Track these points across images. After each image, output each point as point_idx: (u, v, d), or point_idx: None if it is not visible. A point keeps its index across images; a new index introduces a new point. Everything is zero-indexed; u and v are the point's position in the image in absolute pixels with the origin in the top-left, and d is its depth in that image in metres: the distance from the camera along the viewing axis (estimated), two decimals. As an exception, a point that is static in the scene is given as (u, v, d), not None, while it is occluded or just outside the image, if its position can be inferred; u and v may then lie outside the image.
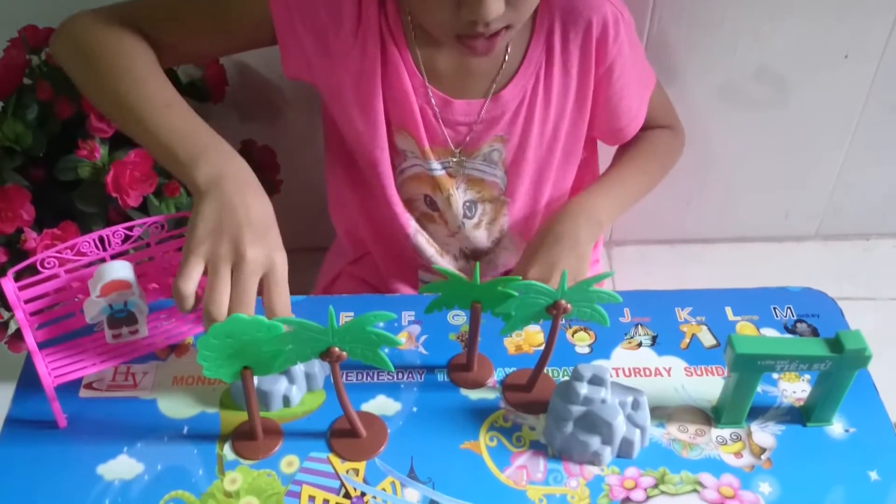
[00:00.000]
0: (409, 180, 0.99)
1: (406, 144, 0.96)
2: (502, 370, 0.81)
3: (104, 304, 0.74)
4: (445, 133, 0.94)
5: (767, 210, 1.45)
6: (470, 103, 0.93)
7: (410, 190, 1.00)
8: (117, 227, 0.74)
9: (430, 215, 1.02)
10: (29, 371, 0.79)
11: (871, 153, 1.36)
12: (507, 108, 0.93)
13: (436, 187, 0.99)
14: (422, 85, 0.92)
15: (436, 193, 0.99)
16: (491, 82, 0.92)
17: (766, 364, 0.71)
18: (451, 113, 0.93)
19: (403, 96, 0.92)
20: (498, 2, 0.76)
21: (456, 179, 0.98)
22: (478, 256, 1.06)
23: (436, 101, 0.92)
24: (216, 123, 1.17)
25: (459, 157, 0.96)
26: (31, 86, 1.00)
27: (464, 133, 0.95)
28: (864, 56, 1.22)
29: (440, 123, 0.94)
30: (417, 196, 1.01)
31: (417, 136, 0.94)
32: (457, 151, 0.96)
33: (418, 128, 0.94)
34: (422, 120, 0.94)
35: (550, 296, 0.73)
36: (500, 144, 0.96)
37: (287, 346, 0.67)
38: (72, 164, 0.95)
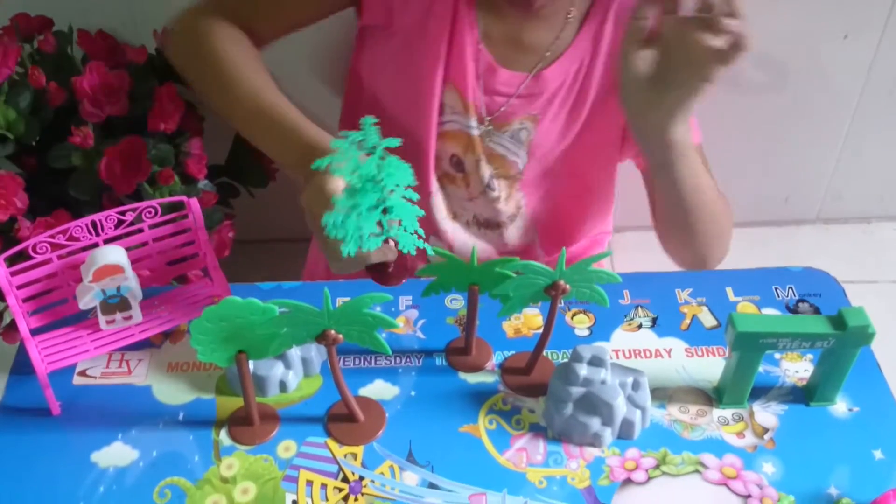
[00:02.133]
0: (441, 137, 0.97)
1: (450, 99, 0.94)
2: (501, 353, 0.80)
3: (97, 289, 0.73)
4: (482, 99, 0.93)
5: (768, 194, 1.44)
6: (514, 75, 0.92)
7: (440, 147, 0.98)
8: (110, 212, 0.74)
9: (453, 176, 1.00)
10: (22, 358, 0.78)
11: (871, 136, 1.35)
12: (545, 88, 0.92)
13: (468, 147, 0.96)
14: (474, 44, 0.90)
15: (466, 154, 0.97)
16: (538, 60, 0.91)
17: (768, 342, 0.70)
18: (494, 81, 0.92)
19: (461, 50, 0.90)
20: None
21: (482, 148, 0.97)
22: (490, 227, 1.05)
23: (483, 65, 0.91)
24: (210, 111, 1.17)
25: (488, 126, 0.95)
26: (24, 73, 0.99)
27: (499, 104, 0.93)
28: (863, 36, 1.22)
29: (480, 88, 0.92)
30: (444, 155, 0.99)
31: (464, 91, 0.92)
32: (487, 120, 0.94)
33: (467, 83, 0.92)
34: (469, 76, 0.92)
35: (549, 276, 0.72)
36: (531, 124, 0.94)
37: (282, 329, 0.67)
38: (65, 151, 0.95)
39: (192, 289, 0.82)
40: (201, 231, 0.79)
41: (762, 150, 1.36)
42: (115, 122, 0.98)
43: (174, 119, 1.01)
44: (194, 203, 0.78)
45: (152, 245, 0.78)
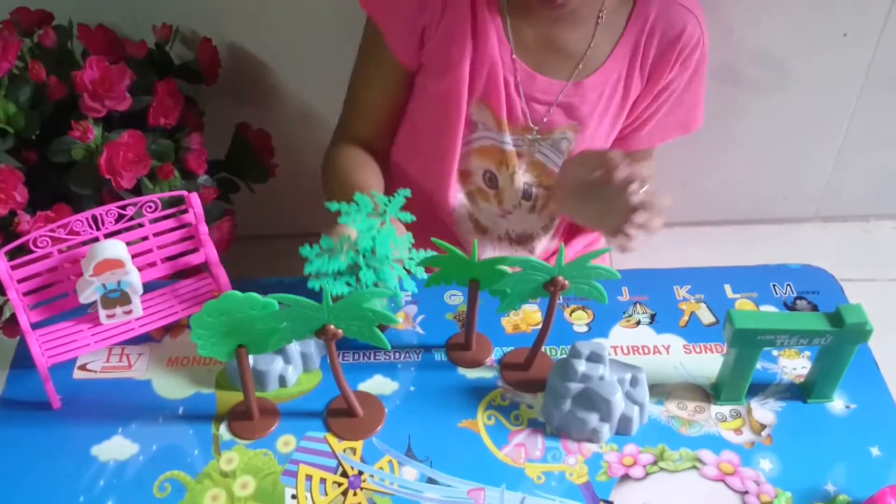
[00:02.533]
0: (474, 153, 0.97)
1: (481, 116, 0.94)
2: (500, 349, 0.80)
3: (97, 283, 0.73)
4: (525, 108, 0.93)
5: (766, 192, 1.44)
6: (552, 82, 0.91)
7: (473, 163, 0.98)
8: (110, 206, 0.74)
9: (486, 193, 1.00)
10: (22, 352, 0.78)
11: (870, 134, 1.35)
12: (586, 98, 0.92)
13: (502, 162, 0.97)
14: (509, 54, 0.90)
15: (500, 169, 0.97)
16: (575, 66, 0.91)
17: (766, 339, 0.70)
18: (533, 88, 0.92)
19: (491, 64, 0.90)
20: None
21: (521, 160, 0.97)
22: (522, 242, 1.05)
23: (520, 74, 0.91)
24: (210, 107, 1.18)
25: (535, 135, 0.95)
26: (24, 67, 0.99)
27: (541, 112, 0.93)
28: (863, 34, 1.21)
29: (521, 97, 0.92)
30: (478, 170, 0.99)
31: (496, 107, 0.92)
32: (534, 129, 0.94)
33: (500, 98, 0.92)
34: (505, 91, 0.92)
35: (548, 272, 0.72)
36: (573, 133, 0.94)
37: (282, 323, 0.67)
38: (65, 145, 0.95)
39: (192, 283, 0.82)
40: (202, 226, 0.79)
41: (761, 147, 1.36)
42: (114, 116, 0.98)
43: (174, 114, 1.01)
44: (195, 198, 0.78)
45: (153, 239, 0.78)
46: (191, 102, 1.09)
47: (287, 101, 1.26)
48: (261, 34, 1.06)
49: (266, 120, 1.21)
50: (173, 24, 1.12)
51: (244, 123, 1.18)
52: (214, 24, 1.16)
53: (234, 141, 1.18)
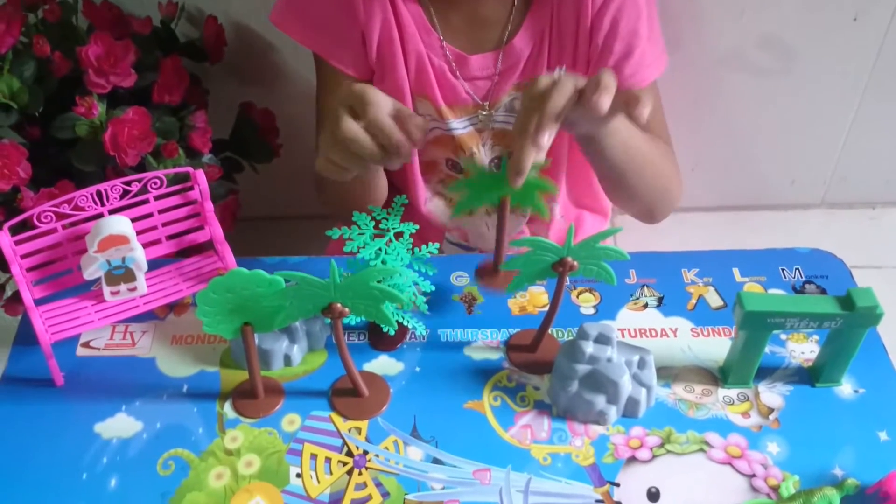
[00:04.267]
0: (430, 145, 0.97)
1: (424, 108, 0.94)
2: (506, 331, 0.80)
3: (102, 259, 0.73)
4: (468, 88, 0.93)
5: (773, 177, 1.43)
6: (485, 56, 0.91)
7: (431, 154, 0.98)
8: (115, 182, 0.73)
9: (455, 177, 1.00)
10: (26, 329, 0.78)
11: (878, 120, 1.34)
12: (521, 56, 0.91)
13: (457, 148, 0.97)
14: (437, 42, 0.90)
15: (458, 154, 0.97)
16: (503, 32, 0.90)
17: (776, 322, 0.70)
18: (469, 69, 0.91)
19: (417, 56, 0.90)
20: None
21: (482, 136, 0.96)
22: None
23: (452, 58, 0.91)
24: (215, 85, 1.17)
25: (488, 109, 0.94)
26: (28, 42, 0.98)
27: (485, 87, 0.93)
28: (873, 18, 1.20)
29: (460, 80, 0.92)
30: (439, 159, 0.99)
31: (433, 97, 0.93)
32: (485, 105, 0.94)
33: (433, 89, 0.92)
34: (437, 79, 0.92)
35: (556, 253, 0.71)
36: (519, 92, 0.94)
37: (288, 301, 0.66)
38: (69, 121, 0.94)
39: (197, 261, 0.81)
40: (207, 203, 0.79)
41: (768, 132, 1.35)
42: (119, 93, 0.97)
43: (179, 91, 1.00)
44: (200, 175, 0.77)
45: (157, 216, 0.77)
46: (196, 80, 1.09)
47: (292, 81, 1.26)
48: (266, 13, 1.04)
49: (271, 100, 1.20)
50: (179, 1, 1.11)
51: (249, 103, 1.18)
52: (220, 2, 1.14)
53: (239, 120, 1.17)
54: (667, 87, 1.04)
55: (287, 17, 0.92)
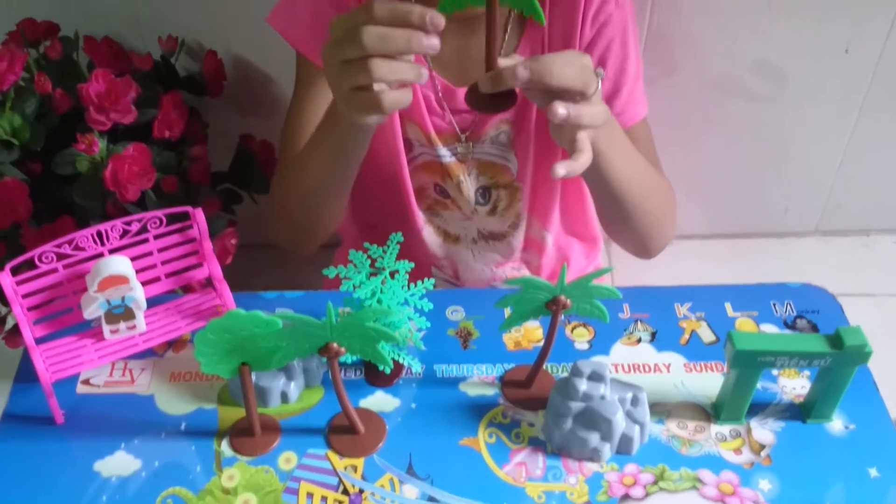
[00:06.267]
0: (418, 169, 0.99)
1: (414, 133, 0.96)
2: (501, 366, 0.81)
3: (102, 299, 0.74)
4: (452, 119, 0.94)
5: (767, 205, 1.44)
6: None
7: (420, 180, 1.00)
8: (115, 222, 0.74)
9: (443, 202, 1.02)
10: (26, 366, 0.79)
11: (871, 149, 1.35)
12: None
13: (445, 174, 0.98)
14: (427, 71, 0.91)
15: (445, 181, 0.99)
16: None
17: (766, 360, 0.71)
18: (455, 101, 0.93)
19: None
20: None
21: (467, 165, 0.98)
22: (496, 238, 1.06)
23: (440, 89, 0.92)
24: (214, 117, 1.18)
25: (466, 142, 0.96)
26: (30, 79, 0.99)
27: (469, 120, 0.94)
28: (864, 50, 1.22)
29: (446, 110, 0.93)
30: (427, 184, 1.00)
31: (423, 124, 0.94)
32: (463, 137, 0.95)
33: (423, 116, 0.94)
34: (426, 107, 0.93)
35: (550, 291, 0.73)
36: (507, 126, 0.95)
37: (285, 341, 0.67)
38: (70, 158, 0.95)
39: (195, 298, 0.82)
40: (206, 241, 0.80)
41: (762, 160, 1.36)
42: (119, 128, 0.98)
43: (179, 126, 1.01)
44: (199, 214, 0.78)
45: (157, 255, 0.79)
46: (195, 114, 1.10)
47: (290, 113, 1.27)
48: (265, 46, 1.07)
49: (270, 131, 1.21)
50: (179, 36, 1.12)
51: (248, 135, 1.19)
52: (220, 36, 1.16)
53: (238, 152, 1.18)
54: (660, 115, 1.06)
55: (286, 21, 0.92)
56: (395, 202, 1.00)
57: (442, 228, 1.04)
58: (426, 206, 1.03)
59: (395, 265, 0.77)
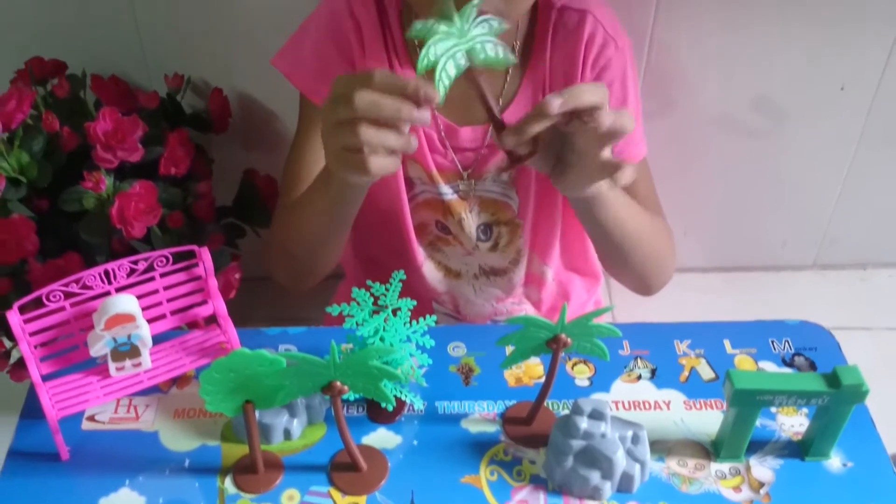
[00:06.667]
0: (419, 207, 1.00)
1: (415, 171, 0.97)
2: (502, 403, 0.82)
3: (108, 337, 0.75)
4: (454, 157, 0.96)
5: (765, 239, 1.46)
6: (475, 129, 0.94)
7: (421, 217, 1.01)
8: (123, 261, 0.75)
9: (445, 238, 1.03)
10: (32, 403, 0.79)
11: (867, 183, 1.37)
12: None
13: (447, 212, 0.99)
14: (430, 111, 0.92)
15: (447, 218, 1.00)
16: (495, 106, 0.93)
17: (765, 399, 0.72)
18: (458, 140, 0.95)
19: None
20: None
21: (468, 202, 0.99)
22: (497, 273, 1.07)
23: (443, 128, 0.94)
24: (219, 152, 1.20)
25: (467, 179, 0.97)
26: (38, 117, 1.01)
27: (471, 158, 0.96)
28: (860, 88, 1.24)
29: (448, 149, 0.95)
30: (429, 221, 1.02)
31: (424, 163, 0.96)
32: (465, 174, 0.97)
33: (425, 154, 0.95)
34: (428, 146, 0.95)
35: (550, 330, 0.74)
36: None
37: (288, 380, 0.68)
38: (77, 195, 0.96)
39: (200, 335, 0.83)
40: (211, 279, 0.81)
41: (760, 195, 1.38)
42: (126, 165, 1.00)
43: (184, 164, 1.03)
44: (205, 252, 0.79)
45: (163, 293, 0.79)
46: (201, 151, 1.11)
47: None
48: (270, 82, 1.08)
49: (274, 166, 1.23)
50: (185, 73, 1.14)
51: (252, 169, 1.21)
52: (225, 73, 1.18)
53: (242, 186, 1.19)
54: (659, 150, 1.08)
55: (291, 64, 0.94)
56: (395, 239, 1.02)
57: (443, 264, 1.06)
58: (428, 243, 1.04)
59: (398, 303, 0.78)
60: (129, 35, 1.14)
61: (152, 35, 1.15)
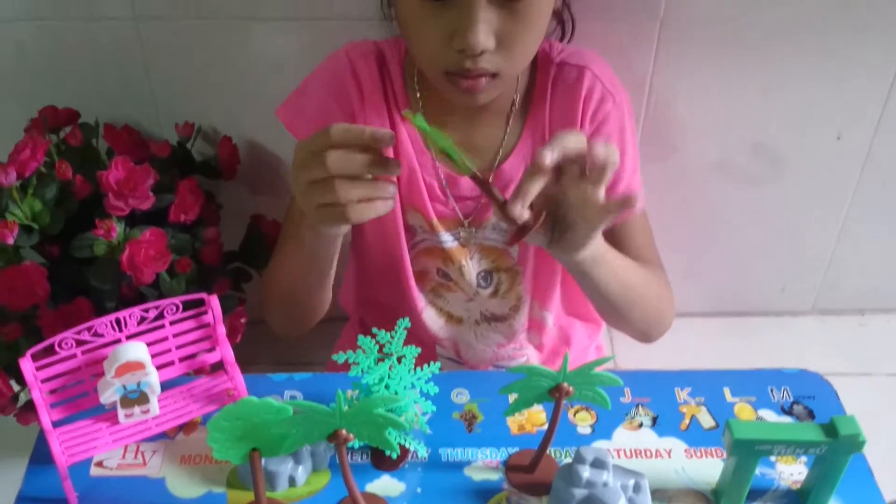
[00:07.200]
0: (420, 254, 1.02)
1: (415, 220, 0.99)
2: (505, 450, 0.83)
3: (118, 384, 0.76)
4: (455, 206, 0.98)
5: (764, 285, 1.47)
6: None
7: (422, 264, 1.03)
8: (134, 310, 0.77)
9: (446, 285, 1.05)
10: (42, 448, 0.80)
11: (865, 229, 1.39)
12: (510, 180, 0.96)
13: (447, 259, 1.01)
14: (430, 162, 0.95)
15: (447, 265, 1.02)
16: (494, 156, 0.96)
17: (764, 448, 0.73)
18: (458, 189, 0.97)
19: (411, 173, 0.95)
20: (488, 35, 0.80)
21: (469, 249, 1.01)
22: (498, 320, 1.08)
23: (444, 177, 0.96)
24: (226, 198, 1.22)
25: (468, 227, 0.99)
26: (51, 164, 1.03)
27: (471, 206, 0.98)
28: (856, 138, 1.26)
29: (448, 197, 0.97)
30: (430, 269, 1.04)
31: (425, 212, 0.98)
32: (465, 222, 0.99)
33: (425, 203, 0.97)
34: (428, 195, 0.97)
35: (553, 379, 0.75)
36: None
37: (295, 428, 0.69)
38: (88, 241, 0.98)
39: (207, 381, 0.84)
40: (220, 326, 0.82)
41: (758, 241, 1.40)
42: (137, 213, 1.02)
43: (194, 211, 1.05)
44: (214, 301, 0.81)
45: (172, 340, 0.81)
46: (209, 197, 1.13)
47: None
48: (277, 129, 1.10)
49: (280, 210, 1.24)
50: (195, 121, 1.17)
51: (259, 215, 1.22)
52: (234, 121, 1.21)
53: (249, 231, 1.21)
54: (658, 195, 1.10)
55: (293, 116, 0.97)
56: (396, 286, 1.03)
57: (445, 310, 1.07)
58: (429, 289, 1.05)
59: (403, 350, 0.79)
60: (141, 84, 1.17)
61: (164, 85, 1.17)
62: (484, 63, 0.82)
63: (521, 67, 0.89)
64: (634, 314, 0.94)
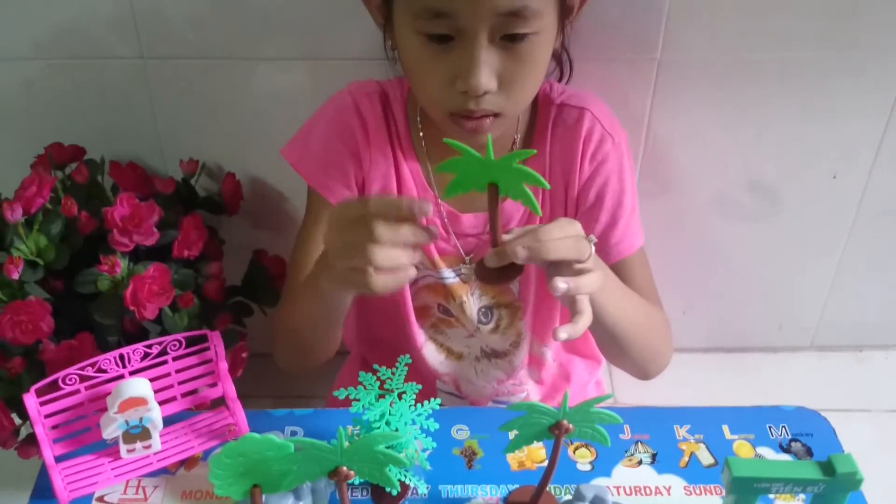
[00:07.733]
0: (421, 291, 1.03)
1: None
2: (505, 487, 0.83)
3: (121, 420, 0.76)
4: (457, 242, 0.99)
5: (761, 321, 1.48)
6: (477, 216, 0.98)
7: (423, 300, 1.04)
8: (137, 346, 0.78)
9: (447, 321, 1.06)
10: (43, 483, 0.81)
11: (862, 266, 1.40)
12: (511, 218, 0.98)
13: (448, 295, 1.02)
14: (433, 199, 0.97)
15: (448, 301, 1.03)
16: None
17: (762, 486, 0.73)
18: (460, 226, 0.98)
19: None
20: (490, 77, 0.81)
21: (470, 285, 1.02)
22: (499, 356, 1.09)
23: (446, 215, 0.97)
24: (229, 232, 1.23)
25: (469, 264, 1.00)
26: (56, 200, 1.04)
27: (473, 243, 0.99)
28: (851, 177, 1.28)
29: (450, 234, 0.98)
30: (431, 304, 1.05)
31: (427, 249, 0.99)
32: (467, 259, 1.00)
33: None
34: None
35: (553, 416, 0.75)
36: None
37: (296, 465, 0.70)
38: (92, 277, 0.99)
39: (208, 417, 0.85)
40: (222, 362, 0.83)
41: (756, 278, 1.40)
42: (141, 249, 1.03)
43: (197, 246, 1.05)
44: (217, 337, 0.82)
45: (174, 375, 0.82)
46: (212, 232, 1.14)
47: (302, 229, 1.32)
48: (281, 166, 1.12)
49: (282, 246, 1.26)
50: (199, 158, 1.18)
51: (261, 250, 1.24)
52: (238, 158, 1.22)
53: (251, 266, 1.22)
54: (657, 233, 1.11)
55: (299, 155, 0.98)
56: (397, 321, 1.04)
57: (445, 346, 1.08)
58: (430, 325, 1.06)
59: (404, 386, 0.80)
60: (147, 122, 1.18)
61: (169, 122, 1.19)
62: (487, 104, 0.84)
63: (523, 107, 0.91)
64: (633, 350, 0.94)
